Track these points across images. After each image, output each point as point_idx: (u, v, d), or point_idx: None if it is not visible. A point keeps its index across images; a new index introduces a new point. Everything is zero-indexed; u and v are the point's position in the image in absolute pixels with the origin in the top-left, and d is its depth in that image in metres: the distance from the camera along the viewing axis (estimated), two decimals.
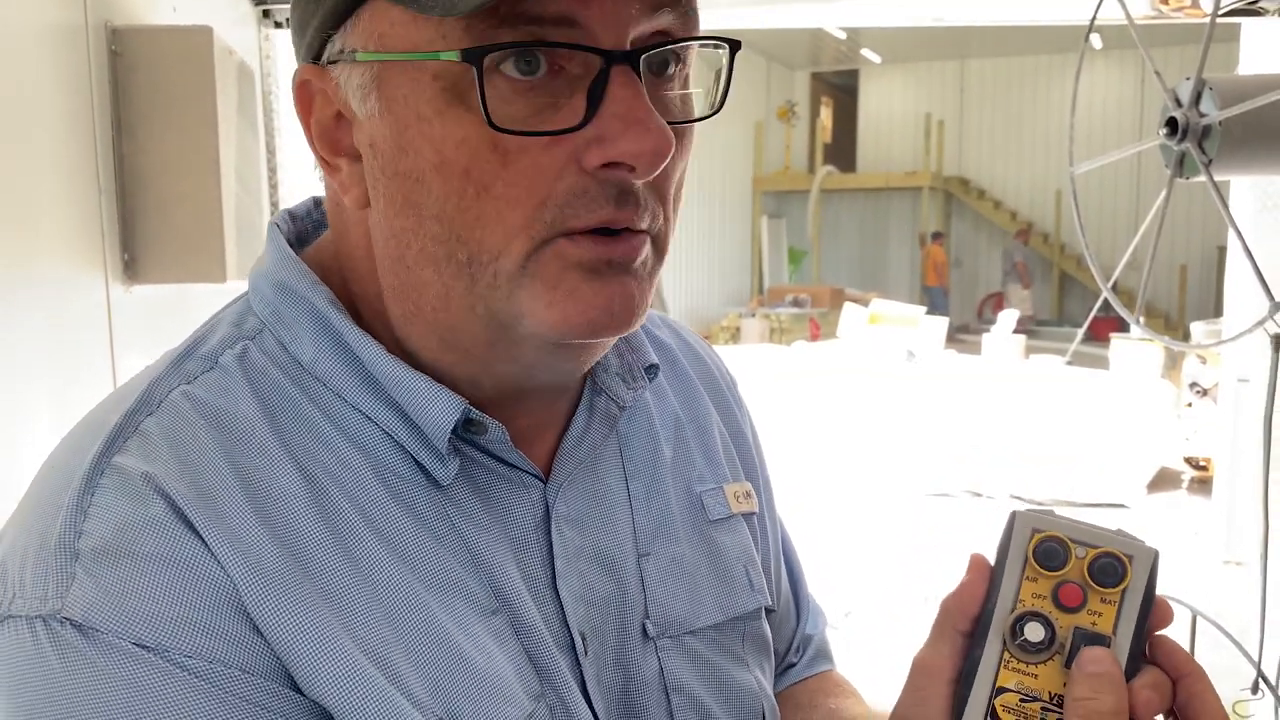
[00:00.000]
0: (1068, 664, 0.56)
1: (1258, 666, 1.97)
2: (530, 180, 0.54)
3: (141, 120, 1.63)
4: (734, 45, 0.58)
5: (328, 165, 0.60)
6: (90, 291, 1.56)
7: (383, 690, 0.54)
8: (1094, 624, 0.56)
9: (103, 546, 0.52)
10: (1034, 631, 0.56)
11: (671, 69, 0.57)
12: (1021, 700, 0.56)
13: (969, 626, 0.59)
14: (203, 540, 0.53)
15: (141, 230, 1.64)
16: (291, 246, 0.65)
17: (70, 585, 0.52)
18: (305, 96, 0.59)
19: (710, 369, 0.82)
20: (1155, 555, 0.57)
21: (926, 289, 15.81)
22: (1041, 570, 0.58)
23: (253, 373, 0.60)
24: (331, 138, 0.59)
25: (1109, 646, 0.56)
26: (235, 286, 1.72)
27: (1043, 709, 0.56)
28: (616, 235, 0.56)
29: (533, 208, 0.54)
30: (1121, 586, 0.57)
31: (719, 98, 0.59)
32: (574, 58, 0.53)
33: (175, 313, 1.74)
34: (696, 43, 0.57)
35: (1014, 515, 0.59)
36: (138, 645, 0.51)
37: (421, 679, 0.56)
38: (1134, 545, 0.57)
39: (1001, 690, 0.57)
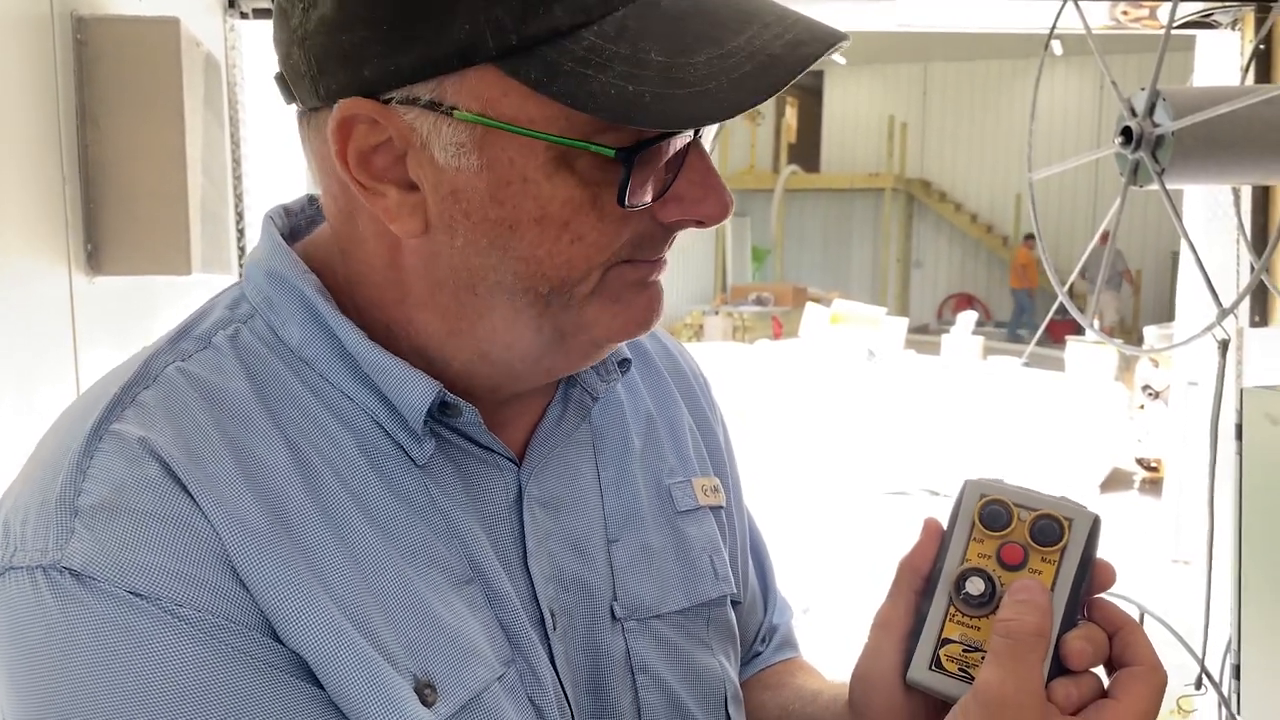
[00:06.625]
0: None
1: (1201, 663, 2.02)
2: (617, 230, 0.61)
3: (106, 110, 1.61)
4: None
5: (365, 190, 0.61)
6: (53, 282, 1.55)
7: (359, 645, 0.58)
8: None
9: (100, 503, 0.56)
10: (974, 585, 0.60)
11: None
12: (964, 650, 0.61)
13: (921, 585, 0.63)
14: (194, 500, 0.57)
15: (105, 221, 1.63)
16: (285, 239, 0.68)
17: (70, 538, 0.55)
18: (348, 125, 0.60)
19: (684, 370, 0.85)
20: (1095, 519, 0.61)
21: (1012, 291, 15.97)
22: (987, 531, 0.62)
23: (244, 353, 0.64)
24: (373, 166, 0.61)
25: None
26: (200, 279, 1.71)
27: (984, 659, 0.59)
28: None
29: (614, 250, 0.61)
30: (1060, 546, 0.61)
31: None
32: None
33: (139, 304, 1.73)
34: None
35: (965, 482, 0.64)
36: (132, 593, 0.55)
37: (397, 639, 0.59)
38: (1074, 509, 0.62)
39: (946, 641, 0.61)
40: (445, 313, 0.63)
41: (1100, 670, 0.60)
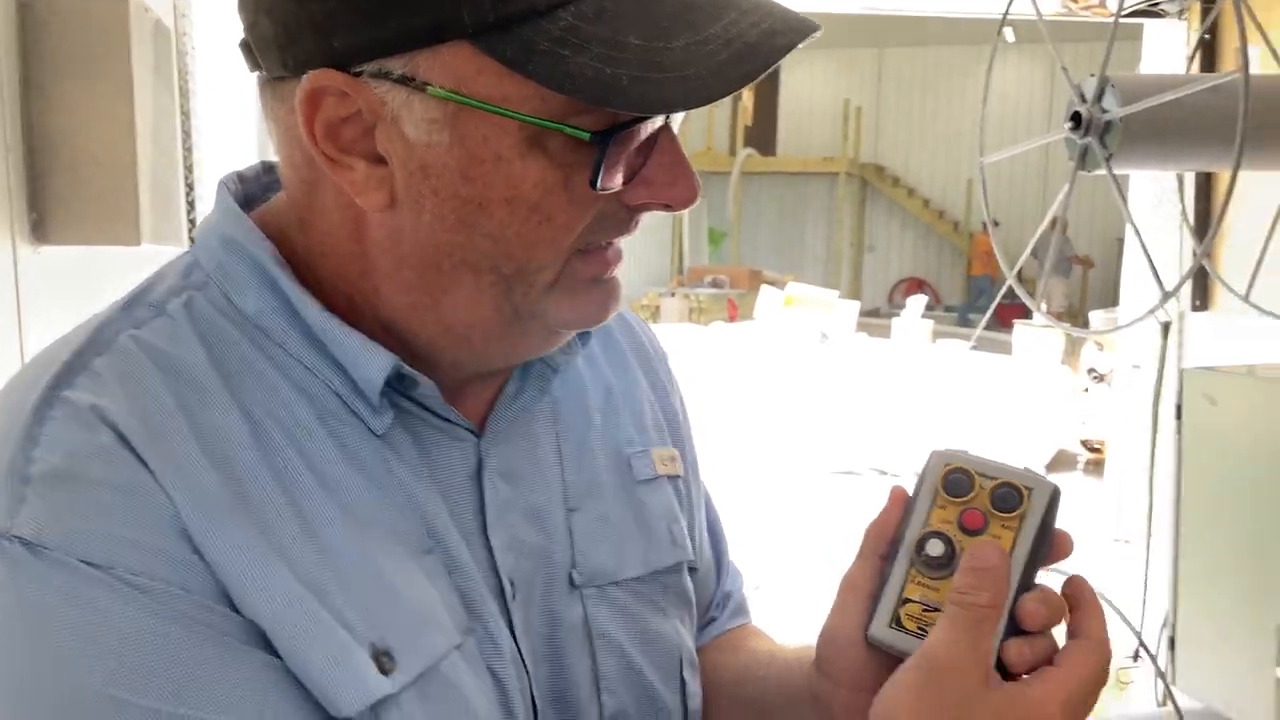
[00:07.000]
0: None
1: (1139, 636, 2.09)
2: (584, 212, 0.61)
3: (52, 77, 1.58)
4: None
5: (332, 162, 0.60)
6: None
7: (316, 614, 0.58)
8: None
9: (53, 472, 0.55)
10: (935, 548, 0.63)
11: None
12: (924, 610, 0.63)
13: (886, 549, 0.65)
14: (148, 468, 0.56)
15: (51, 190, 1.59)
16: (240, 206, 0.67)
17: (21, 507, 0.55)
18: (316, 97, 0.59)
19: (642, 342, 0.86)
20: (1054, 489, 0.64)
21: (972, 278, 16.15)
22: (950, 498, 0.64)
23: (199, 321, 0.63)
24: (341, 138, 0.60)
25: None
26: (150, 250, 1.68)
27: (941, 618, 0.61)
28: (608, 247, 0.65)
29: (580, 232, 0.61)
30: (1019, 513, 0.63)
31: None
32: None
33: (87, 275, 1.70)
34: None
35: (931, 452, 0.66)
36: (85, 563, 0.54)
37: (354, 608, 0.59)
38: (1034, 479, 0.64)
39: (907, 601, 0.63)
40: (409, 287, 0.63)
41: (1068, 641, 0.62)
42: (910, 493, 0.66)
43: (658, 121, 0.61)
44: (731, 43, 0.56)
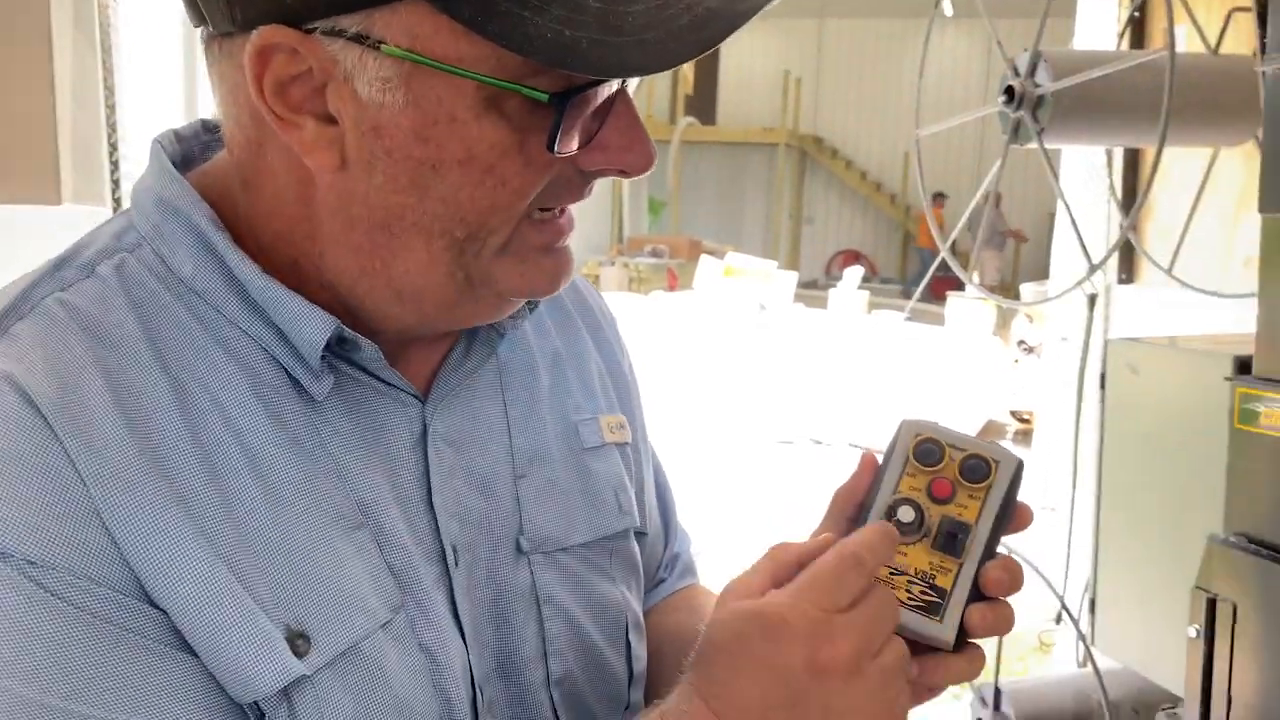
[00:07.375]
0: (934, 546, 0.64)
1: (1061, 599, 2.15)
2: (539, 176, 0.60)
3: None
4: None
5: (281, 121, 0.59)
6: None
7: (231, 593, 0.56)
8: (960, 514, 0.65)
9: None
10: (905, 514, 0.64)
11: None
12: (891, 573, 0.64)
13: (854, 513, 0.67)
14: (60, 441, 0.54)
15: None
16: (176, 166, 0.65)
17: None
18: (266, 54, 0.57)
19: (591, 307, 0.86)
20: (1019, 463, 0.66)
21: (918, 250, 16.24)
22: (920, 467, 0.66)
23: (130, 284, 0.61)
24: (290, 96, 0.58)
25: (971, 532, 0.64)
26: (71, 210, 1.63)
27: (908, 582, 0.63)
28: (560, 215, 0.64)
29: (534, 196, 0.61)
30: (986, 484, 0.65)
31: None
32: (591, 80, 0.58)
33: (7, 236, 1.64)
34: None
35: (902, 422, 0.67)
36: None
37: (269, 588, 0.58)
38: (1001, 452, 0.67)
39: None
40: (358, 251, 0.62)
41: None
42: (880, 460, 0.68)
43: (614, 85, 0.60)
44: (693, 7, 0.55)
